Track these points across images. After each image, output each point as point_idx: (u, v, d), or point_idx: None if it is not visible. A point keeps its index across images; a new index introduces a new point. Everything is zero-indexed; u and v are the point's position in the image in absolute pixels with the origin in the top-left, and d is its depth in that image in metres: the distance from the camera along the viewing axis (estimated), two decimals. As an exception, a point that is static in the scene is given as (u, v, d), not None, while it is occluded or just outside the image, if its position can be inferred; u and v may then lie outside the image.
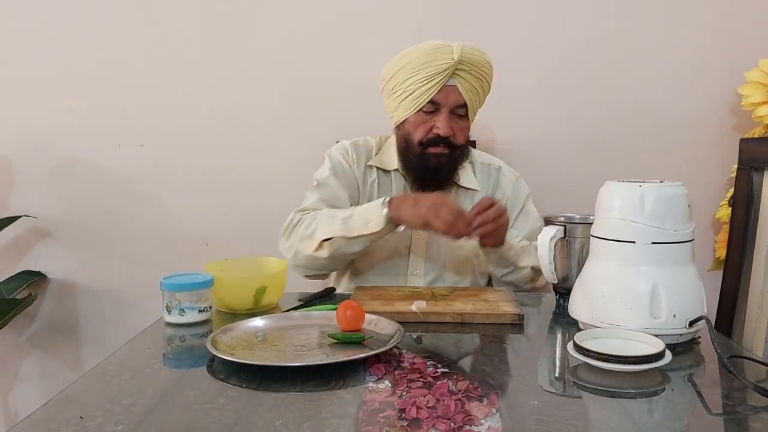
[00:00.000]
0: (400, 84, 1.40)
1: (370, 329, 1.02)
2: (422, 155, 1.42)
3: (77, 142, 1.99)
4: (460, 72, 1.36)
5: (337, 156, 1.51)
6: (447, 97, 1.38)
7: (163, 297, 1.11)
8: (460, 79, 1.37)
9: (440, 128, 1.39)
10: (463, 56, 1.34)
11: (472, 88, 1.39)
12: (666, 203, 0.98)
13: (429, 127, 1.41)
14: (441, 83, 1.36)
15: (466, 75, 1.37)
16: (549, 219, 1.30)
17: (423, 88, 1.37)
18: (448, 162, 1.43)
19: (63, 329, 2.06)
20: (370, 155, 1.53)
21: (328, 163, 1.51)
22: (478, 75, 1.38)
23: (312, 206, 1.44)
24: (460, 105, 1.39)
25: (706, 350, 0.99)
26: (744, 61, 1.79)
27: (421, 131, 1.41)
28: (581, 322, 1.05)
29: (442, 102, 1.38)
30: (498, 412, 0.75)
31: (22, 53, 1.96)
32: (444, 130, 1.38)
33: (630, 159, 1.92)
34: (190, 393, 0.82)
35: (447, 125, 1.38)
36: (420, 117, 1.41)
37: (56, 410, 0.76)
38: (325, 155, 1.54)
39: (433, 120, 1.40)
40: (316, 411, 0.75)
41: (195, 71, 1.95)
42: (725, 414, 0.78)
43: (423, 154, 1.42)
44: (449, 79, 1.36)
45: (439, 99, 1.38)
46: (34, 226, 2.02)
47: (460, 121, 1.42)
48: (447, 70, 1.34)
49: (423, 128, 1.41)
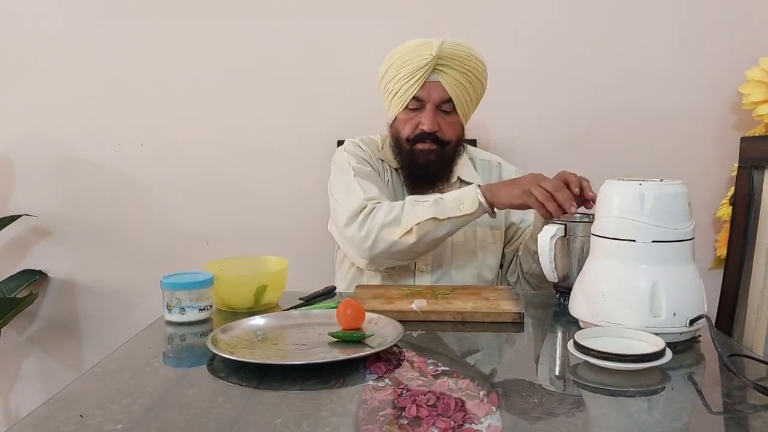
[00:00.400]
0: (389, 82, 1.42)
1: (371, 328, 1.02)
2: (411, 152, 1.43)
3: (78, 141, 1.99)
4: (442, 67, 1.37)
5: (354, 150, 1.50)
6: (430, 93, 1.39)
7: (163, 296, 1.11)
8: (443, 75, 1.37)
9: (424, 124, 1.40)
10: (442, 51, 1.35)
11: (457, 83, 1.38)
12: (666, 202, 0.98)
13: (415, 124, 1.42)
14: (423, 79, 1.37)
15: (448, 70, 1.37)
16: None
17: (407, 84, 1.38)
18: (437, 158, 1.43)
19: (63, 328, 2.07)
20: (375, 152, 1.54)
21: (350, 157, 1.46)
22: (462, 70, 1.38)
23: (375, 194, 1.38)
24: (444, 100, 1.40)
25: (706, 349, 0.99)
26: (745, 60, 1.79)
27: (408, 128, 1.43)
28: (581, 321, 1.05)
29: (425, 98, 1.39)
30: (498, 410, 0.75)
31: (23, 52, 1.96)
32: (428, 125, 1.39)
33: (630, 158, 1.92)
34: (190, 392, 0.82)
35: (431, 121, 1.39)
36: (407, 114, 1.42)
37: (56, 409, 0.76)
38: (339, 154, 1.50)
39: (419, 116, 1.41)
40: (316, 409, 0.75)
41: (195, 70, 1.95)
42: (725, 412, 0.78)
43: (412, 150, 1.43)
44: (431, 74, 1.37)
45: (423, 95, 1.39)
46: (34, 225, 2.03)
47: (447, 116, 1.42)
48: (427, 65, 1.35)
49: (410, 125, 1.42)
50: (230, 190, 1.99)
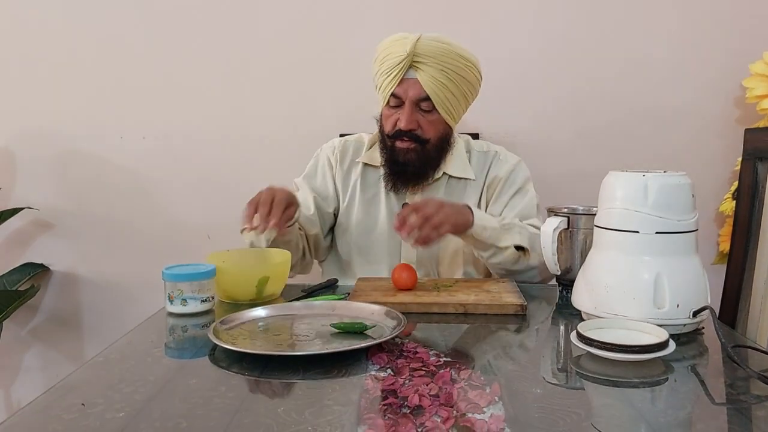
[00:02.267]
0: (374, 76, 1.41)
1: (372, 319, 1.02)
2: (392, 148, 1.42)
3: (79, 134, 1.99)
4: (418, 64, 1.33)
5: (322, 157, 1.55)
6: (407, 90, 1.36)
7: (165, 287, 1.11)
8: (420, 72, 1.34)
9: (401, 122, 1.37)
10: (418, 48, 1.31)
11: (435, 80, 1.34)
12: (670, 193, 0.98)
13: (395, 121, 1.40)
14: (399, 76, 1.34)
15: (425, 67, 1.33)
16: (552, 210, 1.29)
17: (386, 80, 1.36)
18: (416, 157, 1.40)
19: (65, 321, 2.07)
20: (359, 152, 1.53)
21: (312, 164, 1.56)
22: (440, 67, 1.33)
23: None
24: (422, 98, 1.36)
25: (709, 341, 0.99)
26: (749, 53, 1.78)
27: (389, 124, 1.41)
28: (584, 313, 1.05)
29: (402, 95, 1.36)
30: (501, 400, 0.74)
31: (25, 45, 1.96)
32: (404, 122, 1.37)
33: (633, 152, 1.91)
34: (192, 381, 0.82)
35: (407, 119, 1.36)
36: (389, 110, 1.41)
37: (58, 397, 0.76)
38: (317, 153, 1.57)
39: (399, 113, 1.39)
40: (318, 398, 0.75)
41: (197, 64, 1.94)
42: (729, 403, 0.78)
43: (393, 147, 1.41)
44: (408, 71, 1.34)
45: (400, 92, 1.36)
46: (36, 218, 2.02)
47: (427, 114, 1.38)
48: (402, 62, 1.32)
49: (390, 121, 1.41)
50: (232, 184, 1.98)
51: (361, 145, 1.54)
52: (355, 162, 1.52)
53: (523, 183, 1.49)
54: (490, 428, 0.67)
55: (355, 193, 1.50)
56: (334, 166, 1.53)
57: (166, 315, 1.11)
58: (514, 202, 1.47)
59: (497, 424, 0.68)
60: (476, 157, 1.53)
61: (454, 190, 1.48)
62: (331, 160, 1.53)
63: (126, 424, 0.68)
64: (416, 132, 1.38)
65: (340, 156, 1.53)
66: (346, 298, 1.16)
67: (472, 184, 1.48)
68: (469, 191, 1.48)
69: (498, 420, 0.69)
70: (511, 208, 1.46)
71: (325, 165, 1.53)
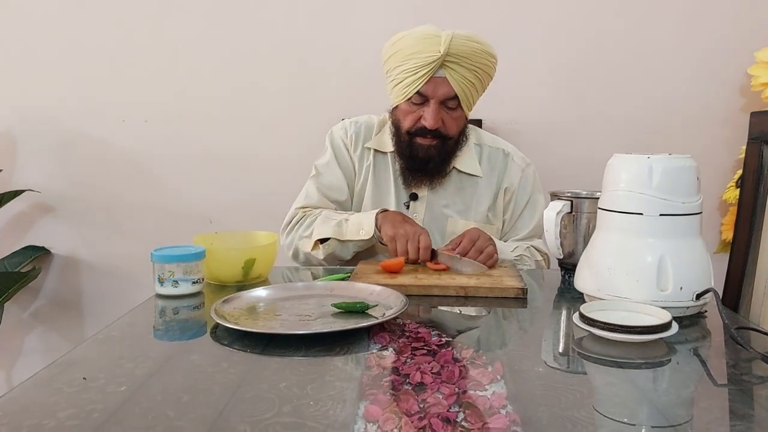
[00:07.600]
0: (392, 70, 1.37)
1: (374, 299, 1.01)
2: (411, 144, 1.40)
3: (81, 117, 1.98)
4: (450, 64, 1.31)
5: (336, 140, 1.52)
6: (435, 90, 1.33)
7: (154, 268, 1.08)
8: (450, 71, 1.32)
9: (427, 121, 1.35)
10: (452, 48, 1.29)
11: (464, 80, 1.33)
12: (674, 175, 0.97)
13: (417, 117, 1.38)
14: (428, 75, 1.31)
15: (456, 67, 1.31)
16: (555, 194, 1.28)
17: (411, 78, 1.33)
18: (438, 153, 1.40)
19: (66, 304, 2.07)
20: (369, 136, 1.51)
21: (329, 148, 1.51)
22: (471, 67, 1.32)
23: (312, 202, 1.47)
24: (450, 97, 1.34)
25: (712, 324, 0.98)
26: (754, 42, 1.77)
27: (409, 121, 1.39)
28: (587, 295, 1.04)
29: (430, 94, 1.34)
30: (503, 378, 0.74)
31: (26, 29, 1.95)
32: (430, 122, 1.35)
33: (636, 141, 1.90)
34: (194, 357, 0.82)
35: (434, 118, 1.35)
36: (409, 106, 1.38)
37: (59, 371, 0.76)
38: (327, 138, 1.53)
39: (422, 110, 1.36)
40: (320, 374, 0.75)
41: (200, 48, 1.94)
42: (731, 383, 0.78)
43: (411, 142, 1.40)
44: (438, 70, 1.32)
45: (427, 91, 1.34)
46: (38, 201, 2.02)
47: (452, 112, 1.37)
48: (434, 62, 1.30)
49: (411, 118, 1.38)
50: (234, 168, 1.98)
51: (370, 128, 1.53)
52: (365, 147, 1.51)
53: (532, 192, 1.50)
54: (492, 405, 0.67)
55: (367, 178, 1.49)
56: (349, 150, 1.51)
57: (155, 297, 1.10)
58: (525, 218, 1.49)
59: (499, 401, 0.68)
60: (487, 151, 1.51)
61: (465, 186, 1.48)
62: (345, 142, 1.51)
63: (127, 398, 0.68)
64: (440, 130, 1.37)
65: (354, 138, 1.51)
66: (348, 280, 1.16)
67: (482, 182, 1.48)
68: (480, 189, 1.48)
69: (500, 397, 0.69)
70: (524, 226, 1.49)
71: (342, 149, 1.51)
